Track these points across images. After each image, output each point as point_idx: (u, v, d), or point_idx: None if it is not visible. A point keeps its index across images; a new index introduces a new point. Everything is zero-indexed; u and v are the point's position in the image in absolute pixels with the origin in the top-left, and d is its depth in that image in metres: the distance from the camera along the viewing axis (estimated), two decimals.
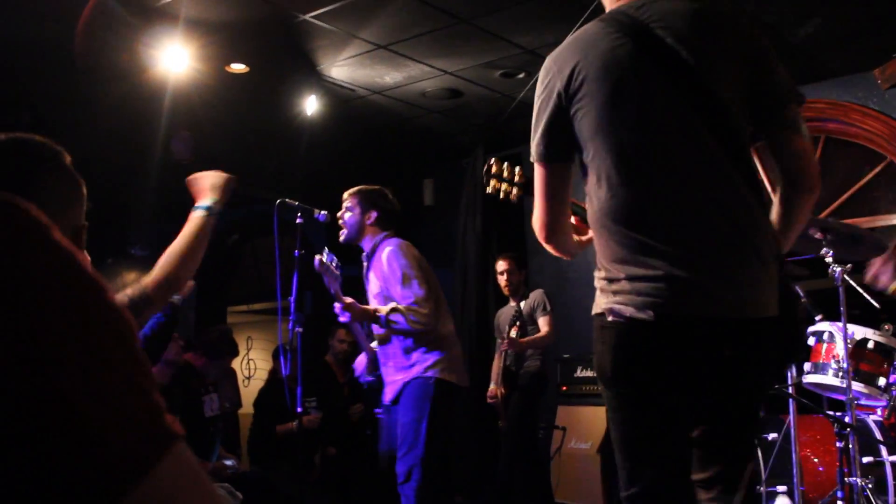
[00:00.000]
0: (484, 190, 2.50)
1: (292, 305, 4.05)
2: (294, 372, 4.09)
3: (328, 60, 5.38)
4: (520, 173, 2.40)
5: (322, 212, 4.09)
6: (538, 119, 2.03)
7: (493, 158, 2.46)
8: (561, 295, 6.29)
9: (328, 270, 3.82)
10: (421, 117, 6.53)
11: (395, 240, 4.01)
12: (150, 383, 0.60)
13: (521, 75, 5.64)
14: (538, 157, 2.04)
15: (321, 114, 6.00)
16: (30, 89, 5.64)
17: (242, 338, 9.97)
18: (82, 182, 1.58)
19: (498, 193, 2.43)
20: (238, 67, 5.41)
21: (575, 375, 6.12)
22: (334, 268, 3.84)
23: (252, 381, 10.04)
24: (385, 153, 7.33)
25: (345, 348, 6.39)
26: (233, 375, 6.85)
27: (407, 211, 7.13)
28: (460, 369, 3.98)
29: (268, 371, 7.11)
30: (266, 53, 5.27)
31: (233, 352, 5.78)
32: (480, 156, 6.99)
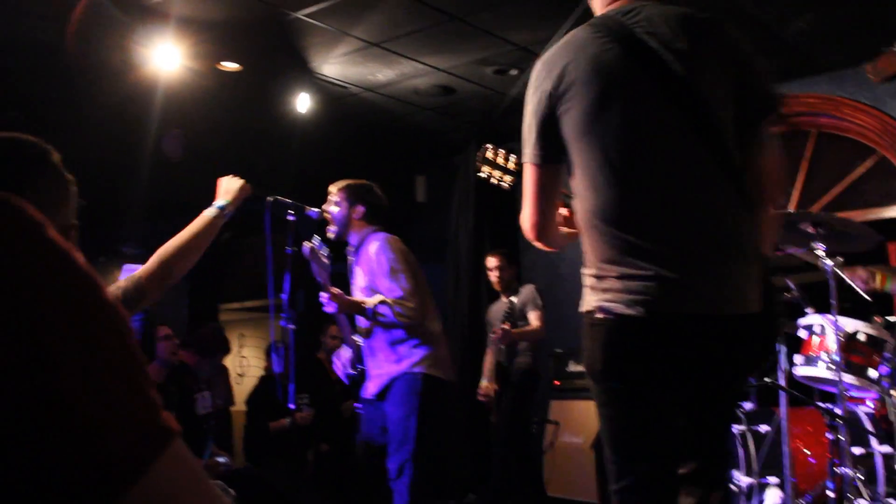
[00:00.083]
0: (476, 185, 2.53)
1: (285, 303, 4.05)
2: (287, 369, 4.09)
3: (320, 58, 5.37)
4: (515, 161, 2.42)
5: (314, 209, 4.09)
6: (529, 121, 2.06)
7: (490, 145, 2.47)
8: (553, 290, 6.29)
9: (317, 258, 3.80)
10: (413, 114, 6.53)
11: (383, 234, 4.00)
12: (147, 380, 0.60)
13: (514, 72, 5.64)
14: (530, 159, 2.07)
15: (313, 111, 5.98)
16: (20, 87, 5.61)
17: (235, 335, 9.94)
18: (71, 180, 1.57)
19: (489, 178, 2.45)
20: (230, 65, 5.40)
21: (567, 370, 6.13)
22: (324, 257, 3.83)
23: (245, 379, 10.02)
24: (377, 150, 7.32)
25: (337, 345, 6.38)
26: (225, 373, 6.85)
27: (399, 208, 7.15)
28: (447, 366, 3.97)
29: (263, 369, 7.11)
30: (258, 51, 5.26)
31: (225, 349, 5.79)
32: (473, 152, 6.97)
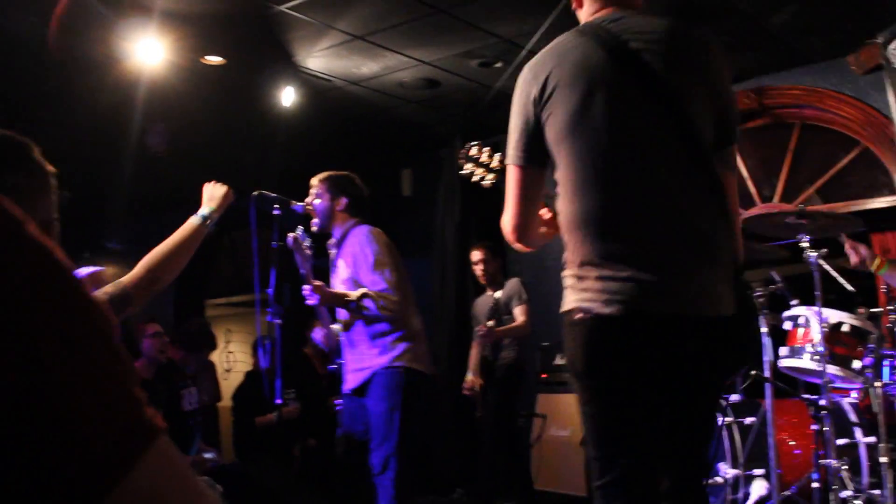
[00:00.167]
0: (461, 178, 2.52)
1: (270, 297, 4.04)
2: (273, 364, 4.08)
3: (304, 51, 5.35)
4: (499, 159, 2.42)
5: (299, 203, 4.08)
6: (514, 123, 2.09)
7: (474, 142, 2.49)
8: (539, 283, 6.30)
9: (300, 248, 3.79)
10: (398, 108, 6.51)
11: (367, 226, 4.00)
12: (131, 377, 0.60)
13: (499, 65, 5.64)
14: (513, 160, 2.09)
15: (298, 105, 5.96)
16: (2, 82, 5.56)
17: (221, 330, 9.92)
18: (50, 174, 1.56)
19: (471, 176, 2.46)
20: (214, 59, 5.37)
21: (554, 363, 6.14)
22: (307, 248, 3.82)
23: (232, 374, 10.00)
24: (363, 144, 7.30)
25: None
26: (212, 368, 6.83)
27: (385, 202, 7.14)
28: (427, 361, 3.98)
29: (250, 364, 7.09)
30: (242, 45, 5.23)
31: (211, 345, 5.77)
32: (458, 146, 6.97)
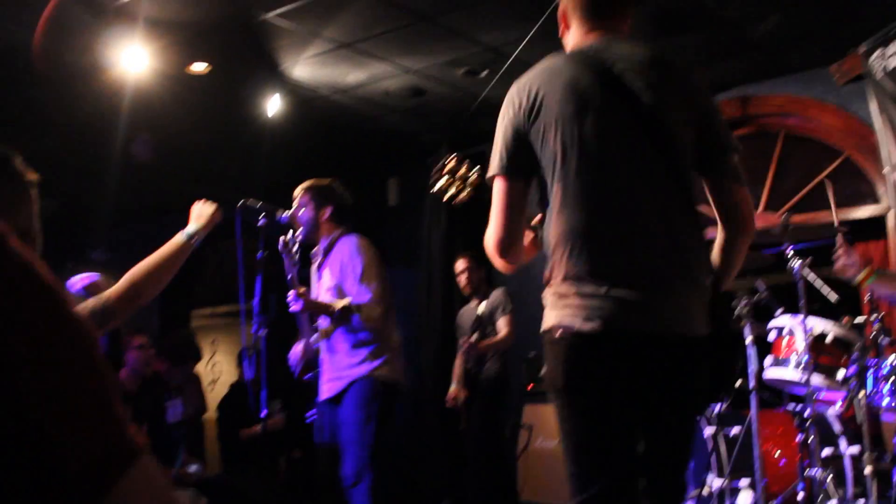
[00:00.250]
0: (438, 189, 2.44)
1: (255, 308, 4.02)
2: (258, 376, 4.06)
3: (290, 60, 5.33)
4: (476, 174, 2.38)
5: (285, 213, 4.07)
6: (500, 136, 2.10)
7: (455, 155, 2.45)
8: (526, 292, 6.25)
9: (290, 252, 3.81)
10: (384, 116, 6.51)
11: (355, 236, 4.00)
12: (113, 395, 0.59)
13: (485, 73, 5.64)
14: (499, 171, 2.09)
15: (283, 114, 5.95)
16: None
17: (207, 341, 9.87)
18: (31, 183, 1.55)
19: (444, 193, 2.40)
20: (199, 68, 5.35)
21: (541, 374, 6.12)
22: (296, 252, 3.84)
23: (218, 385, 9.95)
24: (349, 153, 7.29)
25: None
26: (197, 380, 6.78)
27: (371, 211, 7.13)
28: (402, 375, 4.02)
29: (236, 374, 7.05)
30: (227, 53, 5.22)
31: (196, 356, 5.74)
32: (445, 154, 6.95)
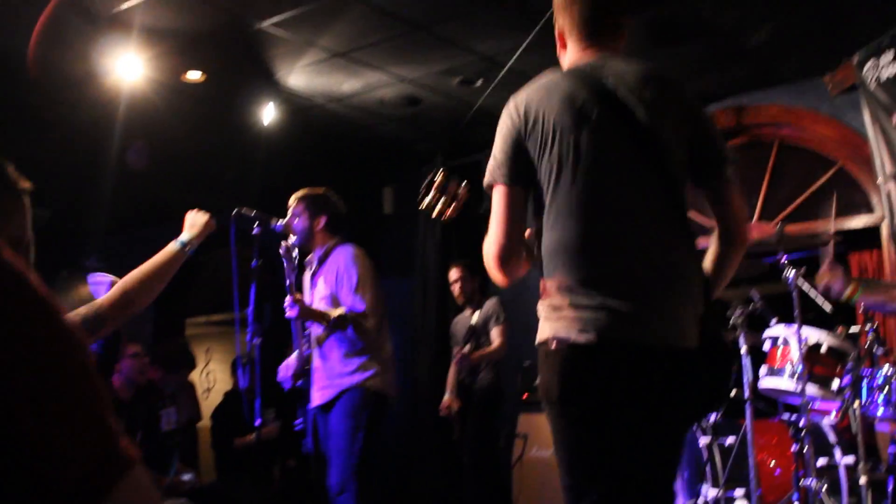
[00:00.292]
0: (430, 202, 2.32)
1: (250, 316, 4.02)
2: (252, 384, 4.05)
3: (285, 69, 5.34)
4: (465, 188, 2.30)
5: (280, 221, 4.07)
6: (499, 147, 2.10)
7: (443, 169, 2.36)
8: (521, 301, 6.24)
9: (290, 258, 3.81)
10: (379, 125, 6.51)
11: (350, 246, 4.01)
12: (105, 406, 0.58)
13: (480, 82, 5.64)
14: (500, 179, 2.07)
15: (279, 123, 5.95)
16: None
17: (201, 349, 9.85)
18: (24, 191, 1.54)
19: (432, 209, 2.29)
20: (194, 76, 5.36)
21: (536, 383, 6.10)
22: (295, 258, 3.85)
23: (212, 394, 9.92)
24: (344, 162, 7.30)
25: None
26: (191, 388, 6.76)
27: (367, 220, 7.12)
28: (393, 387, 4.02)
29: (230, 383, 7.03)
30: (222, 62, 5.22)
31: (190, 364, 5.73)
32: (440, 163, 6.98)
